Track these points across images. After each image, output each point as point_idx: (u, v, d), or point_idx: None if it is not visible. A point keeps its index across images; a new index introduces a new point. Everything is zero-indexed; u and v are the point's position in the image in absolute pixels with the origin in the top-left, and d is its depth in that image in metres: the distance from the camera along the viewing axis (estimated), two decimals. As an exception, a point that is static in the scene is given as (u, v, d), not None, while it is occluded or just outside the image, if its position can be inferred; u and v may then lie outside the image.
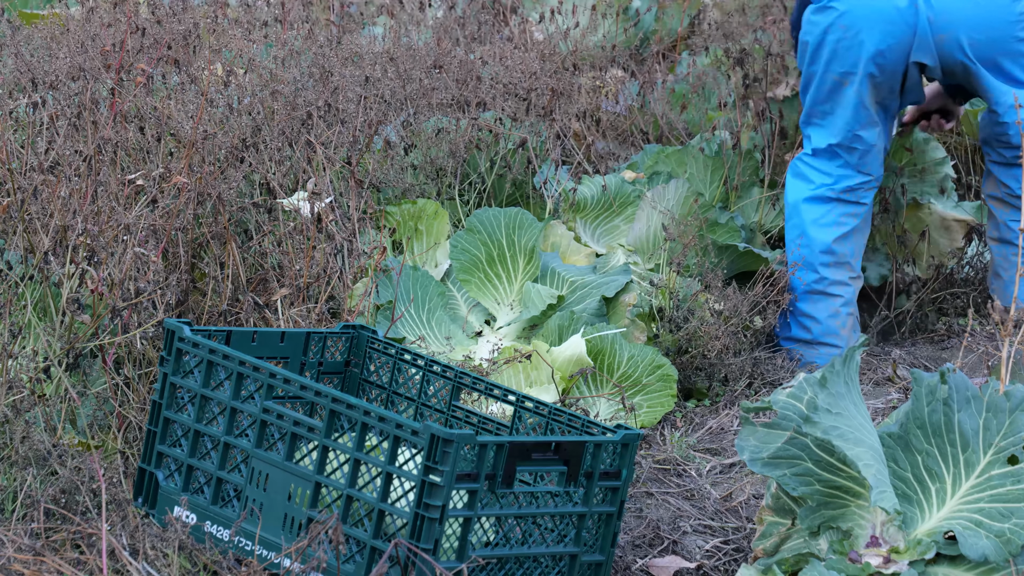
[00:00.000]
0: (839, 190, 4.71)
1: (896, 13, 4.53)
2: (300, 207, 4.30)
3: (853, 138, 4.67)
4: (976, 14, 4.54)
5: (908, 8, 4.52)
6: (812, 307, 4.73)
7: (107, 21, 5.19)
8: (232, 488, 3.15)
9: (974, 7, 4.54)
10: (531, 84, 5.41)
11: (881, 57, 4.56)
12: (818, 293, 4.72)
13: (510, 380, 4.19)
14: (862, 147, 4.67)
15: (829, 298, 4.73)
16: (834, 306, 4.73)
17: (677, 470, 3.99)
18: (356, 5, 6.54)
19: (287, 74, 4.89)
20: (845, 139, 4.68)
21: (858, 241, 4.76)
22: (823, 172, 4.72)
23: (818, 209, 4.72)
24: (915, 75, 4.61)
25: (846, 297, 4.73)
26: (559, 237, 4.84)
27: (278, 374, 3.10)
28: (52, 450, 3.29)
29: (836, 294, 4.73)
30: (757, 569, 3.11)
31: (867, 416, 3.10)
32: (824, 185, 4.71)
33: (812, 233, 4.72)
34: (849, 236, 4.73)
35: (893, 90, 4.64)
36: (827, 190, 4.71)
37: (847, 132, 4.67)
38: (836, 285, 4.73)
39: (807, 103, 4.72)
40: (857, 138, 4.67)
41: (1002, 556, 2.94)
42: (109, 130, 4.19)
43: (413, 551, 2.88)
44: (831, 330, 4.72)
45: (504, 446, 2.96)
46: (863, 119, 4.65)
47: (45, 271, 3.66)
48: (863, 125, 4.66)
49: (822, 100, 4.68)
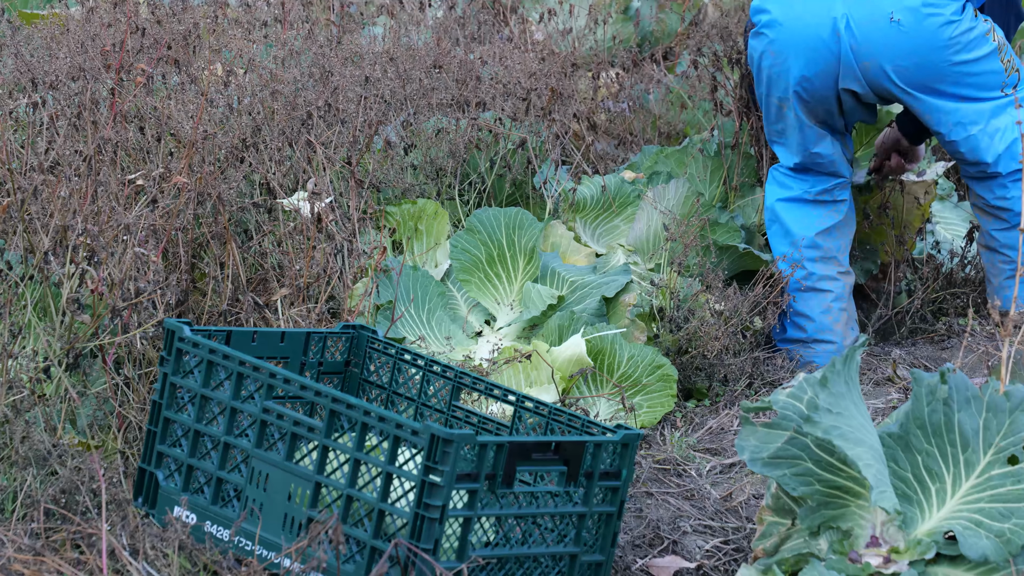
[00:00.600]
0: (815, 193, 4.74)
1: (819, 41, 4.49)
2: (300, 207, 4.30)
3: (811, 155, 4.69)
4: (900, 42, 4.45)
5: (831, 36, 4.47)
6: (804, 305, 4.74)
7: (107, 21, 5.19)
8: (232, 488, 3.15)
9: (897, 35, 4.44)
10: (531, 84, 5.41)
11: (807, 82, 4.54)
12: (809, 290, 4.73)
13: (510, 380, 4.19)
14: (824, 160, 4.70)
15: (820, 294, 4.74)
16: (825, 301, 4.74)
17: (677, 470, 3.99)
18: (356, 5, 6.54)
19: (287, 74, 4.89)
20: (804, 158, 4.71)
21: (843, 236, 4.77)
22: (799, 179, 4.75)
23: (798, 209, 4.75)
24: (849, 100, 4.57)
25: (836, 292, 4.74)
26: (559, 237, 4.84)
27: (278, 374, 3.10)
28: (52, 450, 3.29)
29: (826, 289, 4.74)
30: (757, 569, 3.11)
31: (867, 416, 3.10)
32: (801, 190, 4.74)
33: (795, 230, 4.73)
34: (832, 231, 4.74)
35: (831, 112, 4.61)
36: (804, 194, 4.75)
37: (803, 151, 4.69)
38: (825, 280, 4.74)
39: (764, 124, 4.75)
40: (814, 154, 4.69)
41: (1002, 556, 2.94)
42: (109, 130, 4.19)
43: (413, 551, 2.88)
44: (825, 326, 4.73)
45: (504, 446, 2.96)
46: (811, 137, 4.66)
47: (45, 271, 3.66)
48: (814, 142, 4.67)
49: (772, 122, 4.71)
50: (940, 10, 4.43)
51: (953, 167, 5.77)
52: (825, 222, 4.74)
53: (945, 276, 5.13)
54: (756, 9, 4.61)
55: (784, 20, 4.54)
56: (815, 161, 4.70)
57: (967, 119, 4.52)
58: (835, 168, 4.72)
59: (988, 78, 4.51)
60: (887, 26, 4.44)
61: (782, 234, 4.77)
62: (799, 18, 4.52)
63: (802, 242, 4.72)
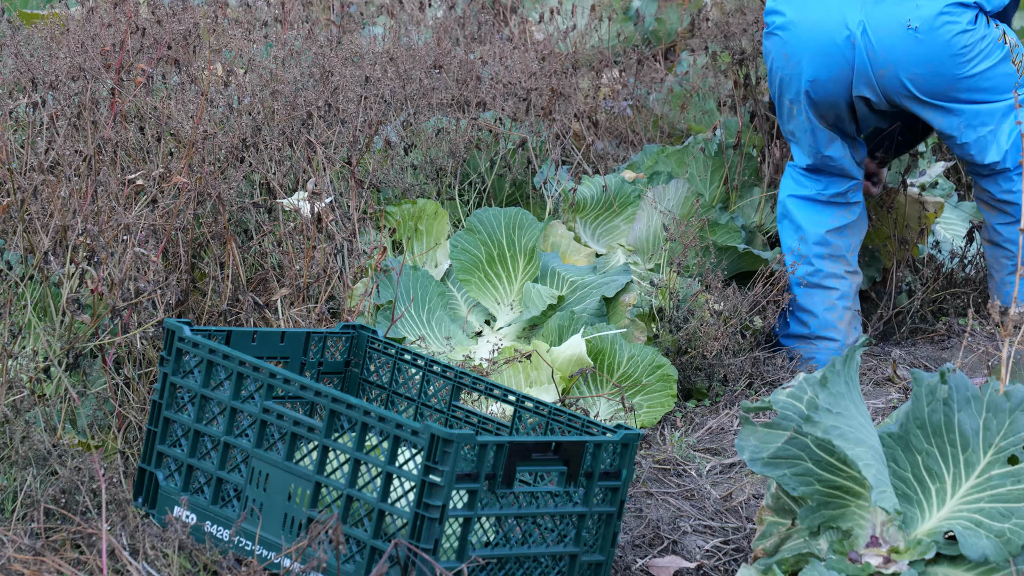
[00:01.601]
0: (828, 195, 4.73)
1: (833, 46, 4.47)
2: (300, 207, 4.30)
3: (823, 157, 4.68)
4: (916, 50, 4.43)
5: (845, 43, 4.45)
6: (808, 300, 4.73)
7: (107, 21, 5.19)
8: (232, 488, 3.15)
9: (914, 43, 4.42)
10: (531, 84, 5.41)
11: (819, 86, 4.52)
12: (814, 286, 4.72)
13: (510, 380, 4.18)
14: (835, 163, 4.68)
15: (825, 291, 4.73)
16: (830, 299, 4.73)
17: (677, 470, 3.99)
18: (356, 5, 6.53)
19: (287, 74, 4.88)
20: (816, 159, 4.70)
21: (854, 236, 4.77)
22: (813, 180, 4.74)
23: (810, 207, 4.74)
24: (862, 108, 4.55)
25: (842, 290, 4.73)
26: (559, 237, 4.84)
27: (278, 374, 3.10)
28: (52, 450, 3.29)
29: (832, 287, 4.73)
30: (757, 569, 3.11)
31: (867, 416, 3.10)
32: (815, 191, 4.73)
33: (805, 226, 4.73)
34: (844, 230, 4.74)
35: (841, 118, 4.60)
36: (818, 195, 4.74)
37: (814, 153, 4.68)
38: (831, 278, 4.73)
39: (779, 123, 4.74)
40: (826, 157, 4.68)
41: (1002, 556, 2.94)
42: (109, 130, 4.19)
43: (413, 551, 2.88)
44: (828, 323, 4.72)
45: (504, 446, 2.96)
46: (822, 139, 4.64)
47: (45, 271, 3.66)
48: (825, 144, 4.65)
49: (786, 122, 4.69)
50: (956, 19, 4.42)
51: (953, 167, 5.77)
52: (837, 221, 4.73)
53: (945, 276, 5.13)
54: (770, 10, 4.59)
55: (798, 23, 4.51)
56: (827, 164, 4.69)
57: (977, 120, 4.51)
58: (846, 171, 4.70)
59: (1001, 81, 4.51)
60: (904, 34, 4.42)
61: (792, 229, 4.76)
62: (814, 23, 4.49)
63: (811, 238, 4.71)
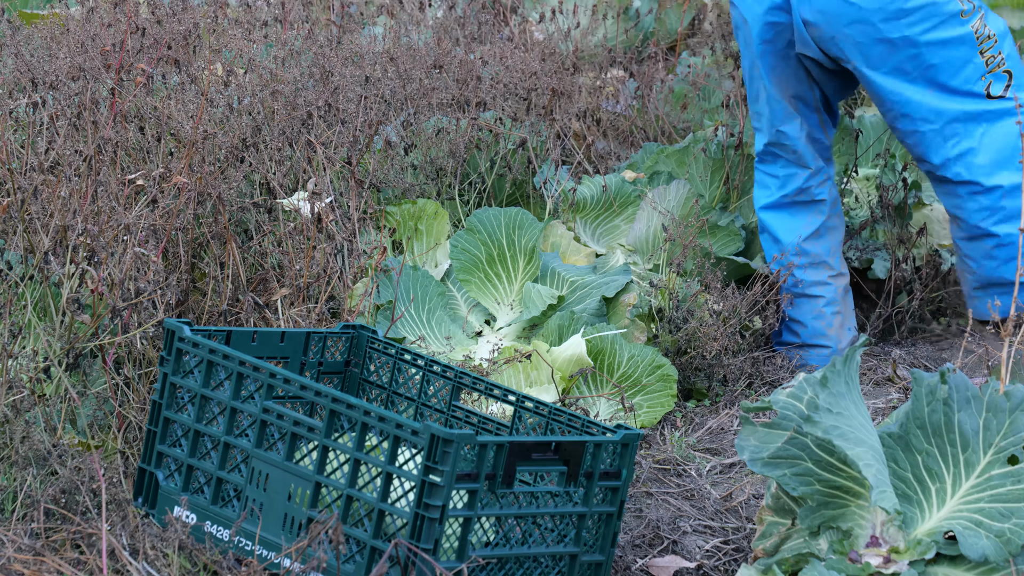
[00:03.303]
0: (792, 193, 4.68)
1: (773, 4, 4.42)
2: (300, 207, 4.30)
3: (778, 134, 4.62)
4: (845, 9, 4.28)
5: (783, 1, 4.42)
6: (796, 311, 4.72)
7: (107, 21, 5.19)
8: (232, 488, 3.15)
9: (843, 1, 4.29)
10: (531, 84, 5.41)
11: (767, 47, 4.47)
12: (799, 296, 4.71)
13: (510, 380, 4.19)
14: (788, 142, 4.61)
15: (810, 300, 4.71)
16: (816, 307, 4.71)
17: (677, 470, 3.99)
18: (356, 5, 6.54)
19: (287, 74, 4.89)
20: (772, 136, 4.64)
21: (831, 239, 4.71)
22: (772, 176, 4.70)
23: (781, 216, 4.71)
24: (813, 68, 4.47)
25: (828, 297, 4.71)
26: (559, 237, 4.84)
27: (278, 374, 3.10)
28: (52, 450, 3.29)
29: (816, 295, 4.71)
30: (757, 569, 3.11)
31: (867, 416, 3.10)
32: (778, 191, 4.69)
33: (782, 237, 4.70)
34: (820, 234, 4.69)
35: (800, 79, 4.52)
36: (782, 197, 4.69)
37: (771, 129, 4.62)
38: (815, 286, 4.70)
39: (749, 109, 4.71)
40: (781, 133, 4.61)
41: (1002, 556, 2.94)
42: (109, 130, 4.19)
43: (413, 551, 2.88)
44: (818, 332, 4.71)
45: (504, 446, 2.96)
46: (779, 113, 4.58)
47: (45, 271, 3.66)
48: (781, 119, 4.59)
49: (753, 99, 4.65)
50: None
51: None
52: (810, 226, 4.68)
53: (945, 276, 5.13)
54: None
55: None
56: (780, 142, 4.61)
57: (918, 114, 4.35)
58: (800, 156, 4.63)
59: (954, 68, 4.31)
60: None
61: (771, 242, 4.75)
62: None
63: (789, 249, 4.68)
